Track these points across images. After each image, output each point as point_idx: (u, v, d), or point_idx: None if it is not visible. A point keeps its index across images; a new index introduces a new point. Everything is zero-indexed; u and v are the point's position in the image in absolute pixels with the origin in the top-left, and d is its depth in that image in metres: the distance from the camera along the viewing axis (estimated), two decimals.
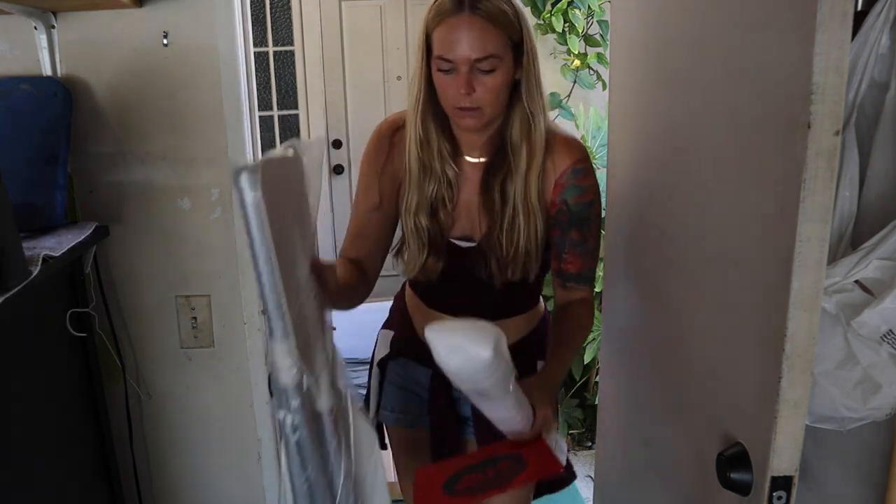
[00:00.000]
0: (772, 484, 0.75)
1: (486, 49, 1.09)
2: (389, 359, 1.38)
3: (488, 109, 1.14)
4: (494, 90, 1.12)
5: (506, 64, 1.12)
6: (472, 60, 1.09)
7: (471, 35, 1.08)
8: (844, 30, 0.64)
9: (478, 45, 1.09)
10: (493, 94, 1.12)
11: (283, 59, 3.75)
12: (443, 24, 1.10)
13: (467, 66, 1.10)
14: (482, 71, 1.10)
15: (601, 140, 2.88)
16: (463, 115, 1.15)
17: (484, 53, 1.09)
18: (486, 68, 1.10)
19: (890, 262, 0.89)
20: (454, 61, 1.10)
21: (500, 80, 1.12)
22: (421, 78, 1.18)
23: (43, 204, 1.34)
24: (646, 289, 1.21)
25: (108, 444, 1.53)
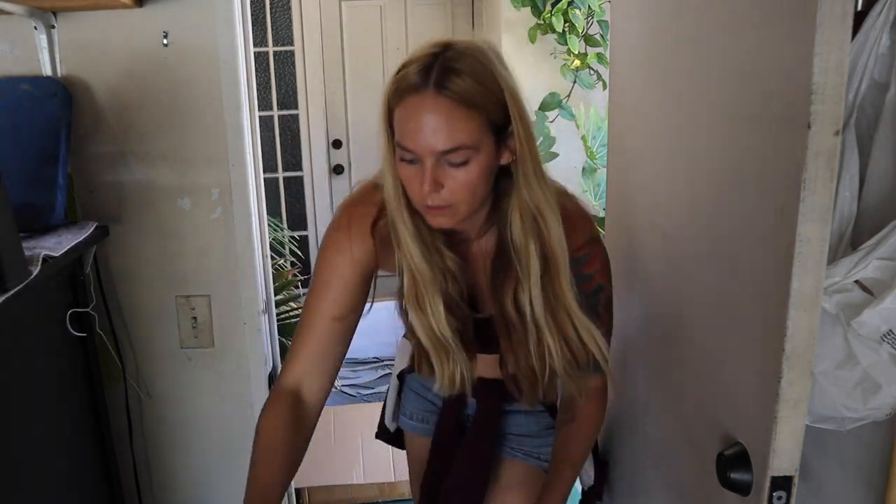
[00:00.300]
0: (772, 484, 0.75)
1: (455, 139, 0.88)
2: (407, 372, 1.33)
3: (463, 207, 0.94)
4: (468, 185, 0.91)
5: (484, 152, 0.91)
6: (438, 152, 0.88)
7: (436, 121, 0.87)
8: (844, 30, 0.64)
9: (444, 135, 0.88)
10: (466, 189, 0.92)
11: (283, 59, 3.75)
12: (403, 104, 0.89)
13: (433, 159, 0.89)
14: (452, 164, 0.90)
15: (601, 140, 2.88)
16: (432, 214, 0.95)
17: (452, 144, 0.88)
18: (457, 160, 0.89)
19: (890, 262, 0.89)
20: (416, 152, 0.89)
21: (476, 174, 0.91)
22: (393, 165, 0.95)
23: (43, 204, 1.34)
24: (646, 289, 1.21)
25: (108, 444, 1.52)
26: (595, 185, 2.90)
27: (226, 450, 1.67)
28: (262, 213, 1.59)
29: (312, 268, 1.09)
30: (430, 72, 0.87)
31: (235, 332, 1.59)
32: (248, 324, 1.58)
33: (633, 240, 1.27)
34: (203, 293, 1.56)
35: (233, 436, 1.66)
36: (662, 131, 1.10)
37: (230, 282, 1.55)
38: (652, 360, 1.17)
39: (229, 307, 1.57)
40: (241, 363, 1.61)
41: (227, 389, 1.63)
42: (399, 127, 0.91)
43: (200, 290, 1.56)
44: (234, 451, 1.67)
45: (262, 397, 1.63)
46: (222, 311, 1.58)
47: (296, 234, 3.82)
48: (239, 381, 1.62)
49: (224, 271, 1.55)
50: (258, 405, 1.65)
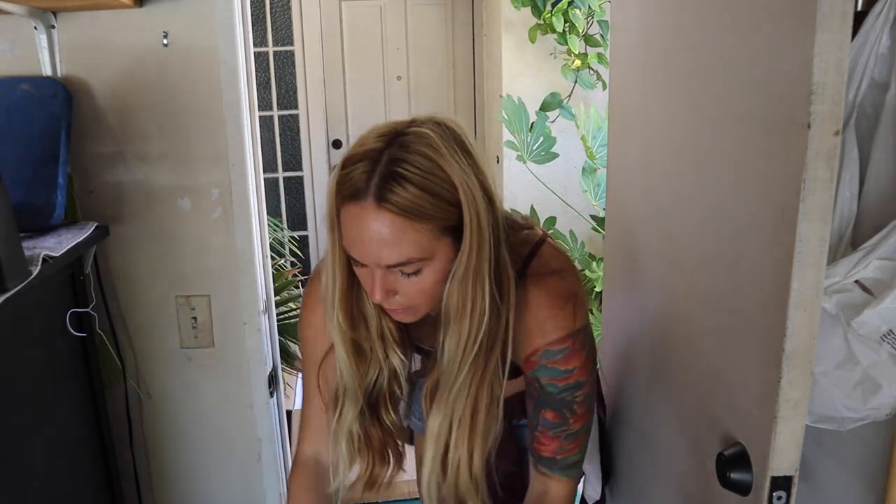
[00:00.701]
0: (772, 484, 0.75)
1: (401, 254, 0.81)
2: (416, 377, 1.34)
3: (423, 307, 0.90)
4: (423, 292, 0.86)
5: (440, 257, 0.84)
6: (385, 266, 0.83)
7: (379, 236, 0.80)
8: (844, 30, 0.64)
9: (388, 251, 0.81)
10: (422, 295, 0.87)
11: (283, 59, 3.75)
12: (346, 210, 0.82)
13: (381, 270, 0.83)
14: (404, 273, 0.84)
15: (601, 140, 2.88)
16: (392, 313, 0.92)
17: (398, 260, 0.82)
18: (408, 271, 0.84)
19: (890, 262, 0.89)
20: (362, 263, 0.84)
21: (431, 279, 0.85)
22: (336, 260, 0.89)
23: (43, 204, 1.34)
24: (646, 289, 1.21)
25: (108, 444, 1.52)
26: (595, 185, 2.90)
27: (226, 450, 1.67)
28: (262, 213, 1.59)
29: (312, 270, 1.08)
30: (371, 177, 0.79)
31: (235, 332, 1.59)
32: (248, 324, 1.58)
33: (633, 240, 1.27)
34: (203, 293, 1.56)
35: (233, 436, 1.66)
36: (662, 131, 1.10)
37: (230, 282, 1.55)
38: (652, 360, 1.17)
39: (229, 307, 1.57)
40: (241, 363, 1.61)
41: (227, 389, 1.63)
42: (344, 232, 0.84)
43: (200, 290, 1.56)
44: (234, 451, 1.67)
45: (263, 397, 1.63)
46: (222, 311, 1.58)
47: (296, 234, 3.83)
48: (239, 381, 1.62)
49: (224, 271, 1.55)
50: (258, 405, 1.66)
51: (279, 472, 1.70)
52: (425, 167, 0.80)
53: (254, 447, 1.67)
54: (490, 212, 0.85)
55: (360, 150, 0.82)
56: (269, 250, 1.67)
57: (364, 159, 0.81)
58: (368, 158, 0.80)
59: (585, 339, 0.95)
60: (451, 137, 0.83)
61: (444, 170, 0.80)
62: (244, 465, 1.69)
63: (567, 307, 0.93)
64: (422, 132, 0.82)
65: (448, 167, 0.81)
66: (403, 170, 0.79)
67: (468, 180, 0.82)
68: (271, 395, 1.64)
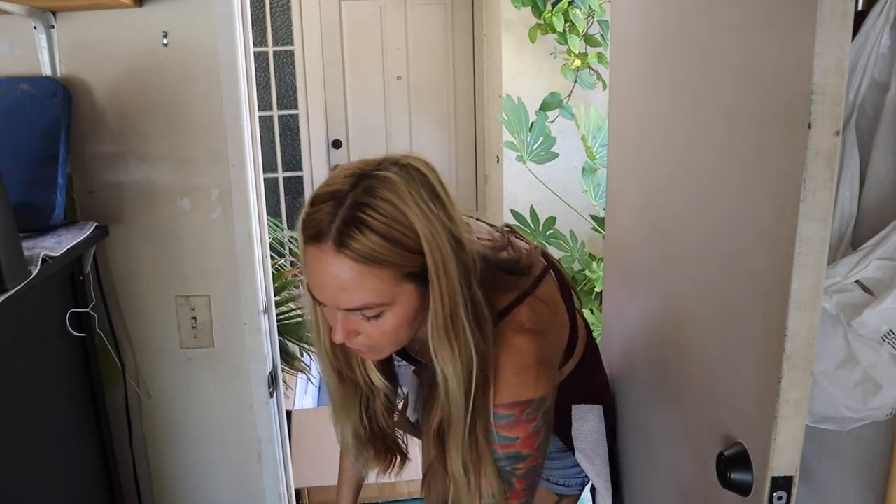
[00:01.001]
0: (772, 484, 0.75)
1: (359, 299, 0.81)
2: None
3: (387, 349, 0.91)
4: (385, 335, 0.86)
5: (402, 302, 0.84)
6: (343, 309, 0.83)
7: (338, 280, 0.80)
8: (845, 30, 0.64)
9: (346, 296, 0.81)
10: (383, 338, 0.87)
11: (283, 59, 3.75)
12: (307, 250, 0.83)
13: (342, 312, 0.84)
14: (365, 317, 0.84)
15: (601, 140, 2.88)
16: (356, 351, 0.92)
17: (356, 305, 0.82)
18: (369, 315, 0.83)
19: (890, 262, 0.89)
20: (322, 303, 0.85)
21: (393, 324, 0.85)
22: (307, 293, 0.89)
23: (43, 204, 1.34)
24: (645, 289, 1.21)
25: (108, 444, 1.52)
26: (595, 185, 2.90)
27: (226, 450, 1.67)
28: (262, 213, 1.59)
29: None
30: (333, 220, 0.79)
31: (235, 332, 1.59)
32: (248, 324, 1.58)
33: (633, 240, 1.27)
34: (203, 293, 1.56)
35: (233, 436, 1.66)
36: (662, 131, 1.10)
37: (230, 282, 1.55)
38: (652, 361, 1.17)
39: (229, 307, 1.57)
40: (241, 363, 1.61)
41: (227, 389, 1.63)
42: (307, 272, 0.84)
43: (200, 290, 1.56)
44: (234, 451, 1.67)
45: (263, 397, 1.63)
46: (222, 311, 1.58)
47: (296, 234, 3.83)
48: (239, 381, 1.62)
49: (224, 271, 1.55)
50: (258, 405, 1.66)
51: (279, 472, 1.70)
52: (388, 213, 0.79)
53: (254, 447, 1.67)
54: (458, 257, 0.83)
55: (326, 189, 0.82)
56: (269, 250, 1.67)
57: (329, 200, 0.81)
58: (333, 200, 0.80)
59: (537, 413, 0.91)
60: (418, 182, 0.82)
61: (406, 216, 0.80)
62: (244, 465, 1.69)
63: (526, 374, 0.90)
64: (387, 177, 0.81)
65: (411, 214, 0.80)
66: (365, 215, 0.78)
67: (432, 227, 0.81)
68: (271, 395, 1.64)
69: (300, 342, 2.40)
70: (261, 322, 1.59)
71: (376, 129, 3.88)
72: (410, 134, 3.89)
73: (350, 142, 3.89)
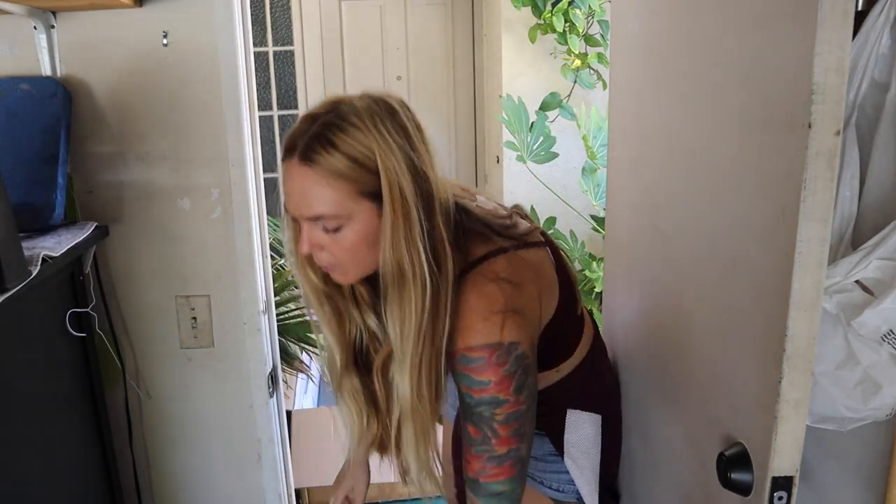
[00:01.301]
0: (772, 484, 0.75)
1: (316, 208, 0.89)
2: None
3: (350, 267, 0.95)
4: (346, 250, 0.92)
5: (360, 219, 0.90)
6: (306, 218, 0.91)
7: (301, 189, 0.89)
8: (845, 29, 0.64)
9: (306, 203, 0.90)
10: (345, 253, 0.93)
11: (283, 59, 3.75)
12: (283, 166, 0.93)
13: (306, 222, 0.92)
14: (326, 229, 0.91)
15: (602, 140, 2.88)
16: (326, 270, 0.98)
17: (314, 213, 0.90)
18: (329, 226, 0.91)
19: (890, 262, 0.89)
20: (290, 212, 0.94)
21: (351, 239, 0.91)
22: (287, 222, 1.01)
23: (43, 204, 1.34)
24: (646, 289, 1.21)
25: (108, 444, 1.52)
26: (595, 185, 2.90)
27: (226, 450, 1.67)
28: (262, 213, 1.59)
29: None
30: (303, 137, 0.89)
31: (235, 332, 1.59)
32: (248, 324, 1.58)
33: (633, 240, 1.27)
34: (203, 293, 1.56)
35: (233, 436, 1.66)
36: (663, 131, 1.10)
37: (230, 282, 1.55)
38: (652, 361, 1.17)
39: (229, 307, 1.57)
40: (241, 363, 1.61)
41: (227, 389, 1.63)
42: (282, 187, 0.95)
43: (200, 290, 1.56)
44: (234, 451, 1.67)
45: (263, 397, 1.63)
46: (222, 311, 1.58)
47: None
48: (239, 381, 1.62)
49: (224, 271, 1.55)
50: (258, 405, 1.66)
51: (279, 472, 1.70)
52: (350, 134, 0.88)
53: (254, 447, 1.67)
54: (417, 184, 0.90)
55: (306, 114, 0.92)
56: (269, 250, 1.67)
57: (304, 122, 0.91)
58: (307, 121, 0.90)
59: (508, 357, 0.92)
60: (384, 111, 0.90)
61: (367, 138, 0.88)
62: (244, 465, 1.69)
63: (494, 318, 0.91)
64: (355, 104, 0.90)
65: (370, 136, 0.88)
66: (331, 134, 0.88)
67: (390, 150, 0.88)
68: (271, 395, 1.64)
69: (300, 342, 2.40)
70: (261, 322, 1.59)
71: None
72: None
73: None
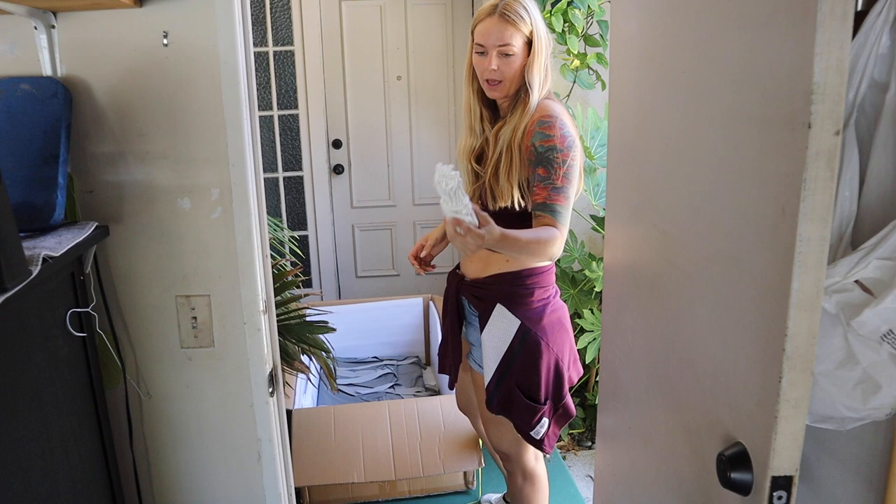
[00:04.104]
0: (772, 484, 0.75)
1: (508, 38, 1.63)
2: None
3: (507, 83, 1.67)
4: (512, 68, 1.65)
5: (519, 55, 1.65)
6: (497, 45, 1.64)
7: (498, 29, 1.63)
8: (845, 29, 0.64)
9: (499, 38, 1.63)
10: (511, 70, 1.65)
11: (283, 59, 3.75)
12: (481, 23, 1.67)
13: (494, 50, 1.64)
14: (504, 55, 1.64)
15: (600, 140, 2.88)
16: (490, 87, 1.69)
17: (505, 41, 1.63)
18: (507, 52, 1.63)
19: (890, 261, 0.89)
20: (485, 46, 1.66)
21: (516, 62, 1.65)
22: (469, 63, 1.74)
23: (43, 204, 1.34)
24: (646, 289, 1.21)
25: (108, 444, 1.53)
26: (595, 185, 2.90)
27: (226, 450, 1.67)
28: (262, 213, 1.59)
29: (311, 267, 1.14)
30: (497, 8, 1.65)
31: (235, 331, 1.59)
32: (248, 323, 1.58)
33: (633, 240, 1.27)
34: (203, 293, 1.56)
35: (233, 436, 1.66)
36: (662, 131, 1.10)
37: (230, 282, 1.56)
38: (652, 360, 1.17)
39: (229, 307, 1.57)
40: (241, 363, 1.61)
41: (227, 389, 1.63)
42: (478, 35, 1.67)
43: (200, 290, 1.56)
44: (234, 450, 1.67)
45: (263, 397, 1.63)
46: (222, 311, 1.58)
47: (296, 234, 3.82)
48: (239, 381, 1.62)
49: (224, 271, 1.55)
50: (258, 405, 1.66)
51: (279, 471, 1.70)
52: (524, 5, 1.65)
53: (254, 447, 1.67)
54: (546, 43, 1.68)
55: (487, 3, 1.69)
56: (269, 250, 1.67)
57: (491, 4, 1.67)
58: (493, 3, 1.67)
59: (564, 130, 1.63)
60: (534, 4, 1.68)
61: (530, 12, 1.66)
62: (244, 465, 1.69)
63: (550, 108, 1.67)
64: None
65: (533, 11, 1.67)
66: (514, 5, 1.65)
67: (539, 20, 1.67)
68: (271, 395, 1.64)
69: (300, 342, 2.40)
70: (261, 322, 1.59)
71: (376, 129, 3.88)
72: (410, 134, 3.89)
73: (350, 142, 3.89)
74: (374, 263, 3.97)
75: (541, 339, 1.70)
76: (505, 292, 1.71)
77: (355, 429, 2.52)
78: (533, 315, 1.71)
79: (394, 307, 3.42)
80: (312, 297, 3.66)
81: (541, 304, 1.73)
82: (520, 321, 1.68)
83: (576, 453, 2.91)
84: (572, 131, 1.64)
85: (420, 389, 3.23)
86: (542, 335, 1.70)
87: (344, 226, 3.97)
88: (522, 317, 1.69)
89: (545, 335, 1.71)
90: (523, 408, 1.73)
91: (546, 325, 1.71)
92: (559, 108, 1.67)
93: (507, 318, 1.69)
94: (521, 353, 1.70)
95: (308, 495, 2.47)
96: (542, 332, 1.70)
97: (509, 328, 1.69)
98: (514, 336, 1.69)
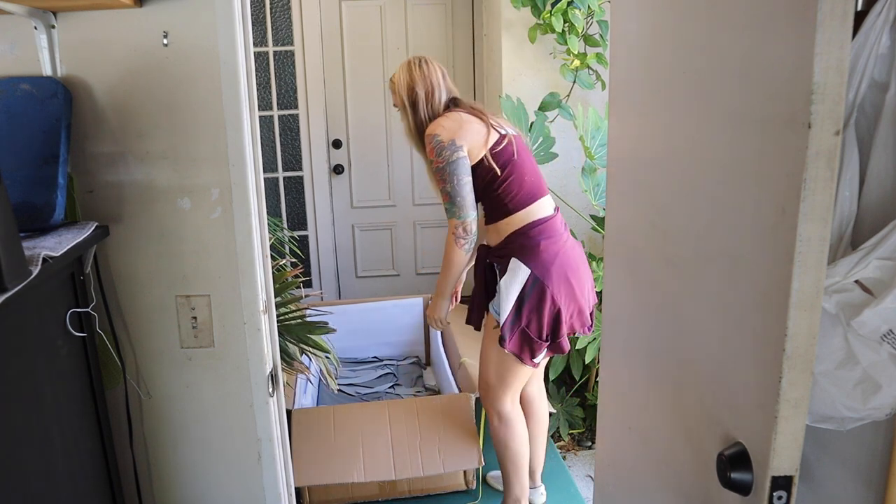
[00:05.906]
0: (772, 484, 0.75)
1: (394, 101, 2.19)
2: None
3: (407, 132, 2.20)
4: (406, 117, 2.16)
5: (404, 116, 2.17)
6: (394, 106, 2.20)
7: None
8: (845, 30, 0.64)
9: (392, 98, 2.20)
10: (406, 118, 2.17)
11: (283, 59, 3.75)
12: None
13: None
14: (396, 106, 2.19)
15: (600, 140, 2.88)
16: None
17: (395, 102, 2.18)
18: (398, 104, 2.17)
19: (890, 261, 0.89)
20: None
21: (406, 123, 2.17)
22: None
23: (43, 204, 1.34)
24: (646, 289, 1.21)
25: (108, 444, 1.53)
26: (595, 185, 2.90)
27: (226, 450, 1.67)
28: (262, 213, 1.59)
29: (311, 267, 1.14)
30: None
31: (235, 331, 1.59)
32: (248, 324, 1.58)
33: (633, 240, 1.27)
34: (203, 293, 1.56)
35: (233, 435, 1.66)
36: (662, 131, 1.10)
37: (230, 281, 1.56)
38: (652, 360, 1.17)
39: (229, 307, 1.57)
40: (241, 363, 1.61)
41: (227, 389, 1.63)
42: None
43: (200, 290, 1.56)
44: (234, 450, 1.67)
45: (263, 397, 1.63)
46: (222, 311, 1.58)
47: (296, 234, 3.82)
48: (239, 381, 1.62)
49: (224, 271, 1.55)
50: (258, 405, 1.66)
51: (279, 471, 1.70)
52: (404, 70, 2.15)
53: (254, 447, 1.67)
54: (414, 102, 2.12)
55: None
56: (269, 250, 1.67)
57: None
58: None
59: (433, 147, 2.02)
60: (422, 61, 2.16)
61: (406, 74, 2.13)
62: (244, 465, 1.69)
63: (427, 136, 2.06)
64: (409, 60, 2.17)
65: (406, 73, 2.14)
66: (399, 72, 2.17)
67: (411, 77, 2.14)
68: (271, 395, 1.64)
69: (300, 342, 2.40)
70: (261, 322, 1.59)
71: (376, 129, 3.88)
72: None
73: (350, 142, 3.89)
74: (374, 263, 3.97)
75: (546, 288, 2.01)
76: (516, 247, 2.04)
77: (355, 429, 2.52)
78: (541, 266, 2.02)
79: (393, 307, 3.42)
80: (313, 298, 3.66)
81: (549, 255, 2.03)
82: (529, 270, 2.01)
83: (576, 453, 2.91)
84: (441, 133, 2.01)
85: (420, 389, 3.23)
86: (548, 284, 2.01)
87: (344, 226, 3.97)
88: (532, 266, 2.01)
89: (551, 284, 2.02)
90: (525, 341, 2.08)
91: (553, 275, 2.02)
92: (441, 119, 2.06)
93: (520, 269, 2.02)
94: (530, 297, 2.03)
95: (308, 495, 2.47)
96: (549, 282, 2.02)
97: (521, 276, 2.02)
98: (525, 283, 2.02)
